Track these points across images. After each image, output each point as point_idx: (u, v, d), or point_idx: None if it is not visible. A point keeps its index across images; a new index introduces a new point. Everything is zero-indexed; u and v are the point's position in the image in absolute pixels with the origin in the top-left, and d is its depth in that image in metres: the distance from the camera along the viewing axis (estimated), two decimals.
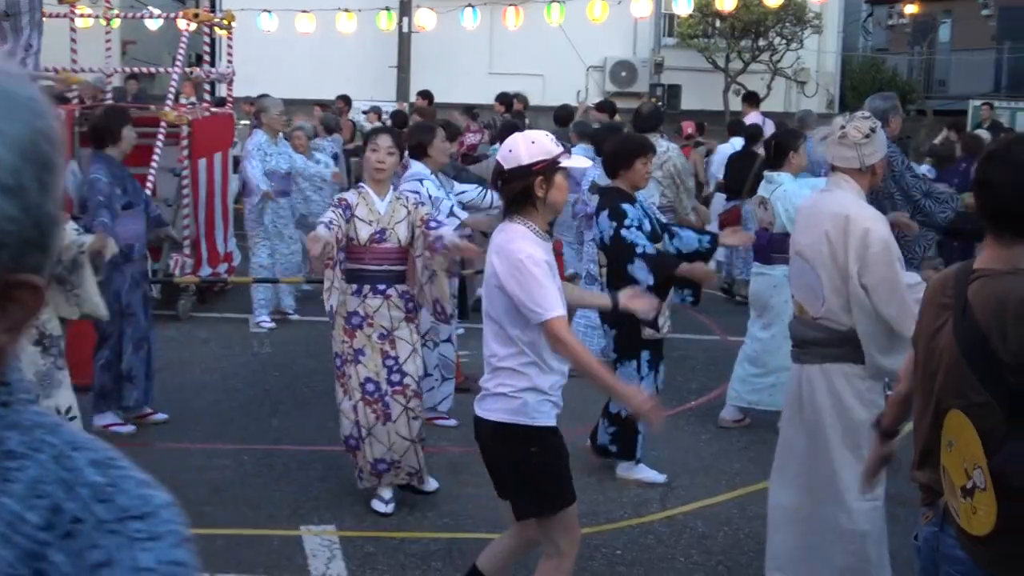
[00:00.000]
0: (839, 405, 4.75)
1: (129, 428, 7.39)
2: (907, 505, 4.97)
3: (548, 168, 4.11)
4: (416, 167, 7.34)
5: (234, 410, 7.91)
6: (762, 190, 7.78)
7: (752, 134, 12.92)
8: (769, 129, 14.47)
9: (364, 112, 18.00)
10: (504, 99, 15.51)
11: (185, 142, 10.81)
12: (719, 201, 13.09)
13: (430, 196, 7.11)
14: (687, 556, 5.65)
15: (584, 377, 4.34)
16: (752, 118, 15.06)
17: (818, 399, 4.79)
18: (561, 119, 13.19)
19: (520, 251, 4.05)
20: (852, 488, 4.58)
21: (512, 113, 14.66)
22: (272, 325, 10.62)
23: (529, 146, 4.11)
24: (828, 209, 4.75)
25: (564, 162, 4.16)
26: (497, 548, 4.47)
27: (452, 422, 7.51)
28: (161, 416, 7.57)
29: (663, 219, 6.99)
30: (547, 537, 4.25)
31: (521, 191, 4.11)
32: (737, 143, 13.46)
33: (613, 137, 7.13)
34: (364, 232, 5.93)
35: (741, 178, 11.79)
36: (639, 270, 6.22)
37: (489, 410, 4.17)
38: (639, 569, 5.46)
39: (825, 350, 4.77)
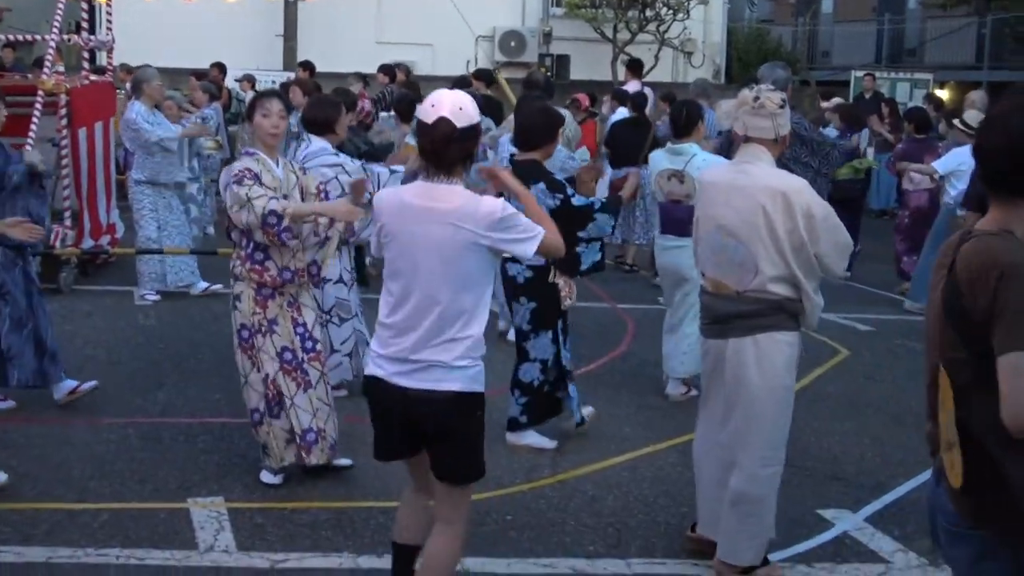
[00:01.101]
0: (770, 373, 4.82)
1: (9, 404, 7.22)
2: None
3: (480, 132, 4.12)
4: (317, 143, 7.15)
5: (119, 384, 7.76)
6: (669, 162, 7.71)
7: (636, 103, 13.02)
8: (652, 99, 14.60)
9: (237, 80, 17.68)
10: (387, 69, 15.41)
11: (64, 111, 10.54)
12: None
13: (365, 169, 7.04)
14: (577, 519, 5.70)
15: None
16: (633, 86, 15.16)
17: (747, 371, 4.83)
18: (462, 87, 13.21)
19: (488, 203, 3.96)
20: (760, 455, 4.83)
21: (405, 84, 14.56)
22: (157, 298, 10.44)
23: (472, 106, 4.03)
24: (760, 183, 4.79)
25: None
26: (421, 520, 4.38)
27: (343, 392, 7.45)
28: (89, 384, 7.31)
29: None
30: (458, 504, 4.21)
31: (466, 153, 4.03)
32: (623, 112, 13.56)
33: (534, 110, 7.02)
34: None
35: (628, 146, 11.87)
36: (599, 226, 6.46)
37: (443, 380, 4.01)
38: (530, 533, 5.50)
39: (756, 321, 4.80)
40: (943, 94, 22.54)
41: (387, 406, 4.13)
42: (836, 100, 15.66)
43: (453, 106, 3.99)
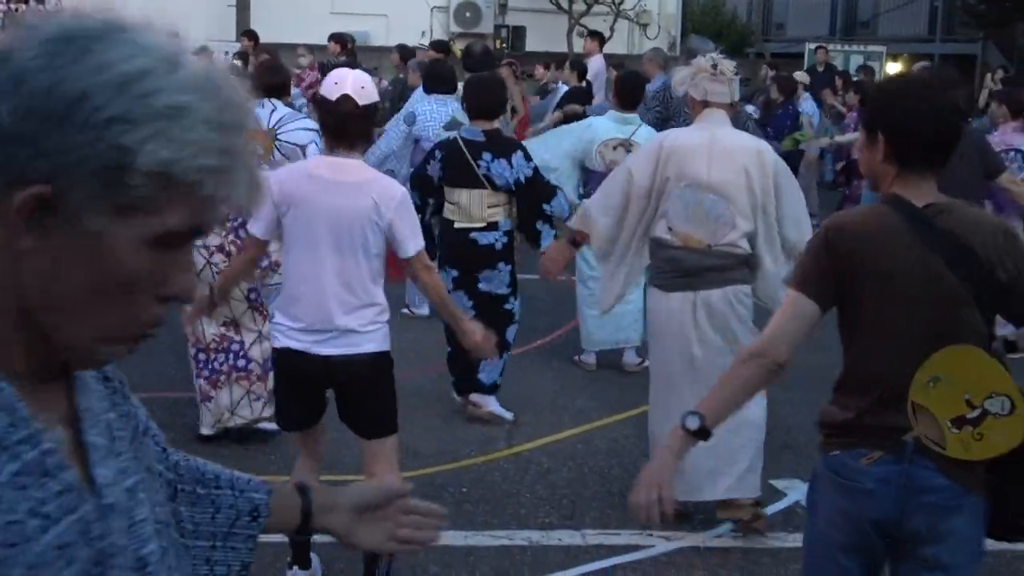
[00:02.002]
0: (741, 324, 5.11)
1: None
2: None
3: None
4: (283, 108, 7.10)
5: None
6: (617, 131, 7.64)
7: (582, 72, 13.21)
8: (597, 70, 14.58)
9: (193, 53, 17.47)
10: (339, 39, 15.33)
11: None
12: None
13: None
14: (532, 492, 5.73)
15: (439, 311, 4.73)
16: (596, 60, 15.15)
17: (718, 320, 5.08)
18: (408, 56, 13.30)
19: (397, 187, 4.33)
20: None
21: (346, 54, 14.50)
22: None
23: (372, 86, 4.34)
24: (738, 143, 5.13)
25: None
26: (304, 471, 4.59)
27: None
28: None
29: None
30: (390, 455, 4.47)
31: (365, 130, 4.34)
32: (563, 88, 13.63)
33: (494, 80, 7.03)
34: None
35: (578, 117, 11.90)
36: (560, 204, 6.66)
37: (360, 344, 4.28)
38: (485, 506, 5.52)
39: (726, 274, 5.07)
40: (896, 66, 22.70)
41: (308, 375, 4.34)
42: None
43: (355, 85, 4.24)
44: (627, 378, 7.70)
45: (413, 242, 4.29)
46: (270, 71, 7.45)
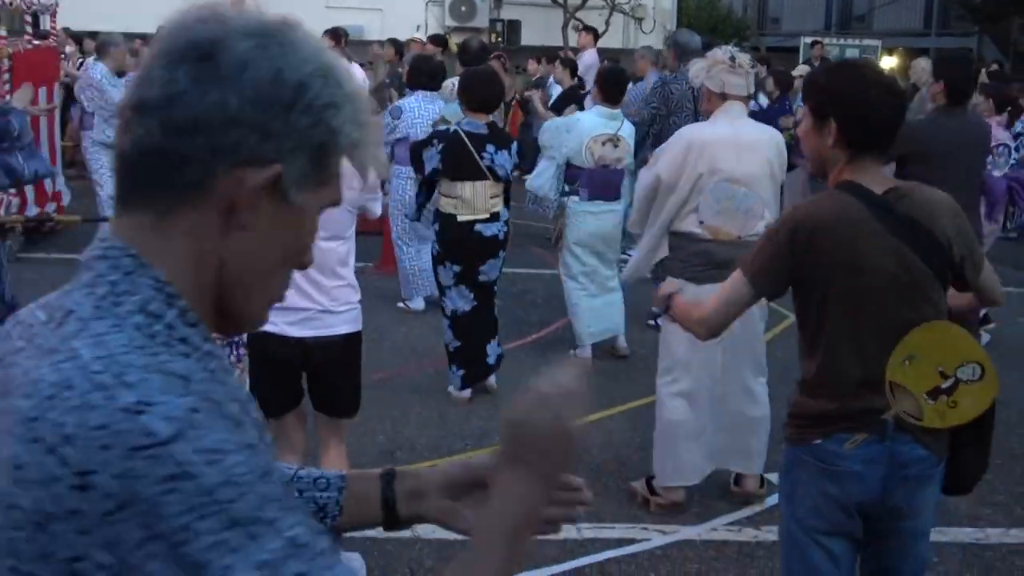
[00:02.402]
0: (762, 309, 5.26)
1: None
2: None
3: None
4: None
5: None
6: (604, 126, 7.62)
7: (572, 68, 13.23)
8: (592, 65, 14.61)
9: None
10: (333, 33, 15.31)
11: (6, 76, 10.37)
12: None
13: None
14: None
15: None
16: (590, 54, 15.14)
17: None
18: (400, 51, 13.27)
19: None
20: (758, 375, 5.48)
21: (340, 49, 14.53)
22: None
23: (361, 78, 4.38)
24: (760, 135, 5.31)
25: None
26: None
27: None
28: None
29: None
30: (342, 431, 4.64)
31: None
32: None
33: (487, 76, 7.04)
34: None
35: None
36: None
37: (335, 325, 4.35)
38: None
39: None
40: (891, 60, 22.71)
41: (285, 357, 4.37)
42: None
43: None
44: (621, 372, 7.70)
45: (379, 203, 4.55)
46: None
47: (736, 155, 5.15)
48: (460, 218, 6.61)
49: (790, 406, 3.24)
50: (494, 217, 6.67)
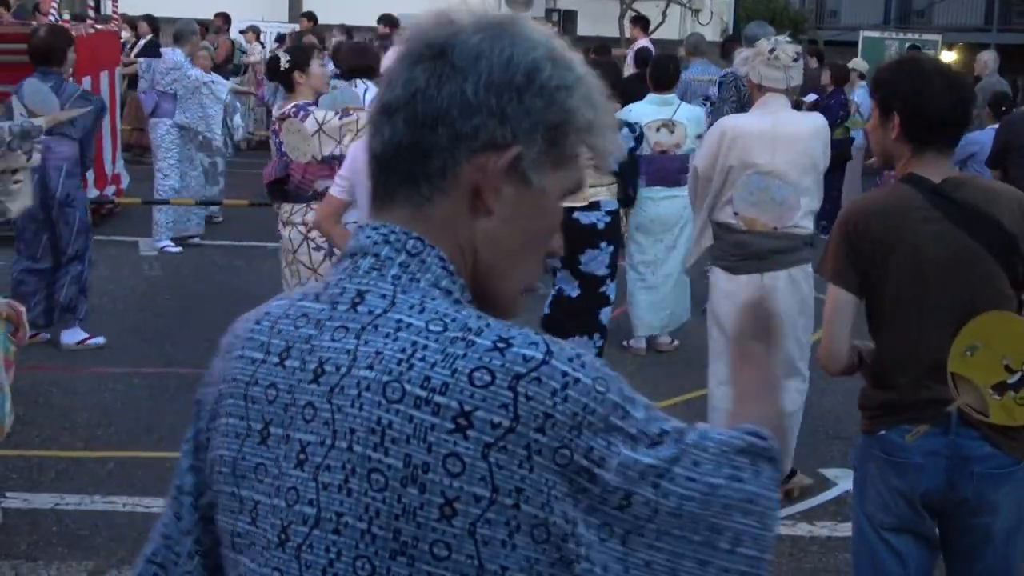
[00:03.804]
0: (802, 303, 5.25)
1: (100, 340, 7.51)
2: None
3: None
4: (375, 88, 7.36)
5: (124, 334, 7.78)
6: (656, 112, 7.66)
7: (644, 58, 13.03)
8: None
9: (241, 32, 17.52)
10: (388, 20, 15.34)
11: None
12: None
13: None
14: None
15: None
16: (642, 42, 15.06)
17: (784, 300, 5.15)
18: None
19: None
20: (792, 373, 5.34)
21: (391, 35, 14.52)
22: (178, 250, 10.49)
23: None
24: (801, 126, 5.28)
25: None
26: None
27: None
28: (98, 340, 7.60)
29: None
30: None
31: None
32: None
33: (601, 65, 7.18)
34: (327, 149, 5.96)
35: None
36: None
37: None
38: None
39: (791, 256, 5.19)
40: (951, 56, 22.44)
41: None
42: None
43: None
44: (675, 363, 7.68)
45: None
46: (357, 53, 7.66)
47: (771, 147, 5.12)
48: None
49: (860, 397, 3.25)
50: (593, 206, 6.49)
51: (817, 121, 5.48)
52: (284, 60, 6.23)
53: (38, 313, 7.22)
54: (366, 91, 7.07)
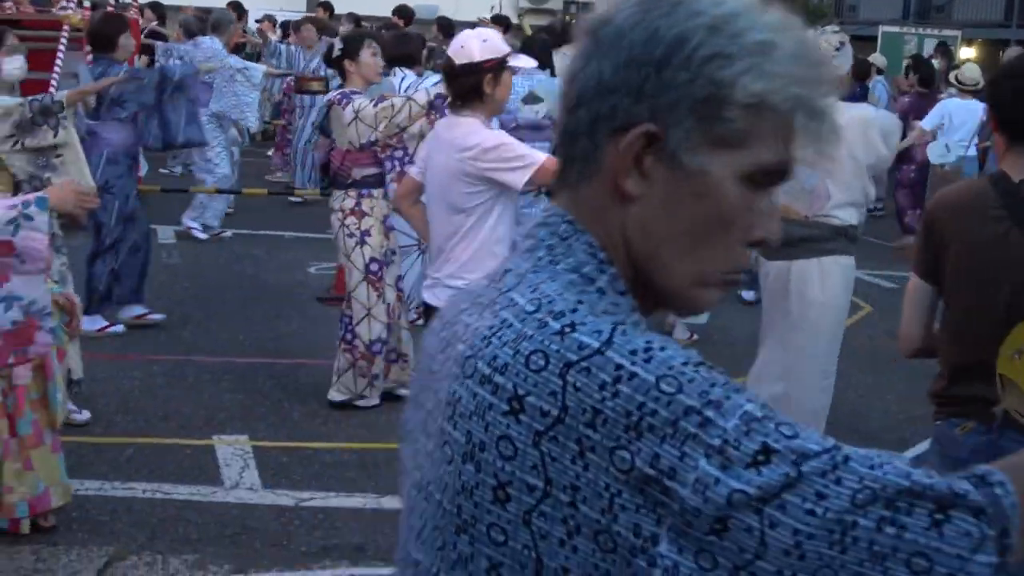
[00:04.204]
0: (831, 292, 5.21)
1: (118, 328, 7.54)
2: None
3: (497, 66, 4.39)
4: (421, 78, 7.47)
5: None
6: None
7: None
8: None
9: (258, 21, 17.43)
10: (402, 12, 15.31)
11: (89, 47, 10.48)
12: None
13: None
14: None
15: None
16: None
17: (812, 290, 5.18)
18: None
19: (492, 136, 4.39)
20: (820, 368, 5.28)
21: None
22: (205, 236, 10.53)
23: (481, 44, 4.41)
24: (845, 117, 5.10)
25: (512, 61, 4.50)
26: None
27: None
28: (157, 316, 7.74)
29: None
30: None
31: (470, 87, 4.37)
32: None
33: None
34: (364, 136, 6.06)
35: None
36: None
37: (441, 298, 4.31)
38: None
39: (822, 245, 5.19)
40: (970, 52, 22.32)
41: None
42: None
43: (456, 45, 4.47)
44: (713, 352, 7.64)
45: (520, 172, 4.26)
46: (399, 42, 7.72)
47: None
48: None
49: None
50: None
51: (862, 112, 5.46)
52: (337, 48, 6.32)
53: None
54: (403, 79, 7.10)
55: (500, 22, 13.45)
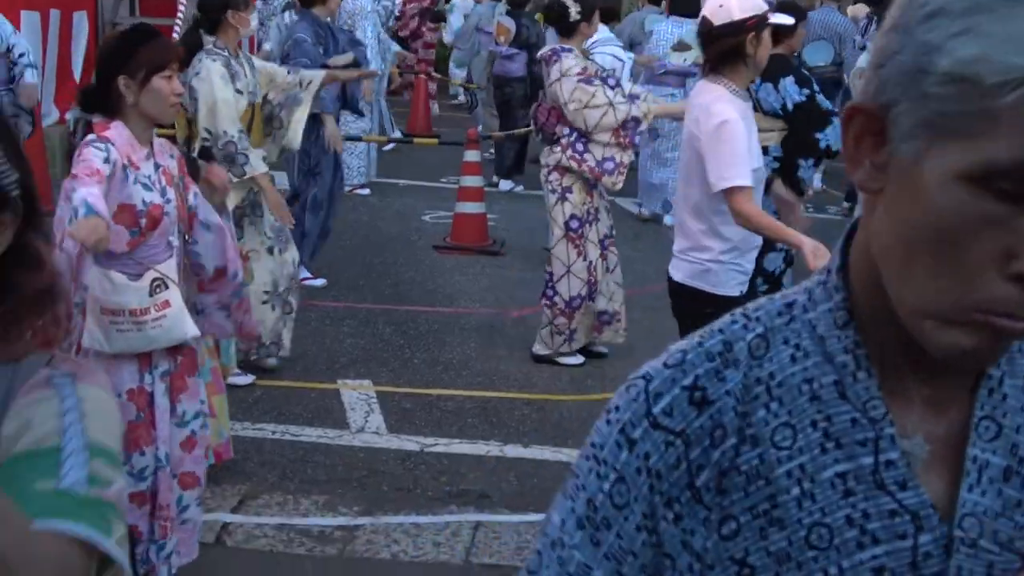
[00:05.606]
0: None
1: (321, 281, 7.56)
2: None
3: (759, 24, 3.95)
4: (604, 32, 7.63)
5: None
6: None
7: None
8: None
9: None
10: None
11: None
12: None
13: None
14: None
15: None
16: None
17: None
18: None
19: (721, 114, 3.91)
20: None
21: None
22: (367, 192, 10.55)
23: (740, 1, 3.94)
24: None
25: (771, 19, 3.99)
26: None
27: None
28: (319, 282, 7.59)
29: None
30: None
31: (731, 48, 3.96)
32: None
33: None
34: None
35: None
36: (836, 132, 5.79)
37: (674, 269, 4.15)
38: None
39: None
40: None
41: None
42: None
43: (714, 3, 3.99)
44: None
45: (722, 177, 3.88)
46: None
47: None
48: None
49: None
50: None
51: None
52: (575, 10, 6.18)
53: None
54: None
55: None
